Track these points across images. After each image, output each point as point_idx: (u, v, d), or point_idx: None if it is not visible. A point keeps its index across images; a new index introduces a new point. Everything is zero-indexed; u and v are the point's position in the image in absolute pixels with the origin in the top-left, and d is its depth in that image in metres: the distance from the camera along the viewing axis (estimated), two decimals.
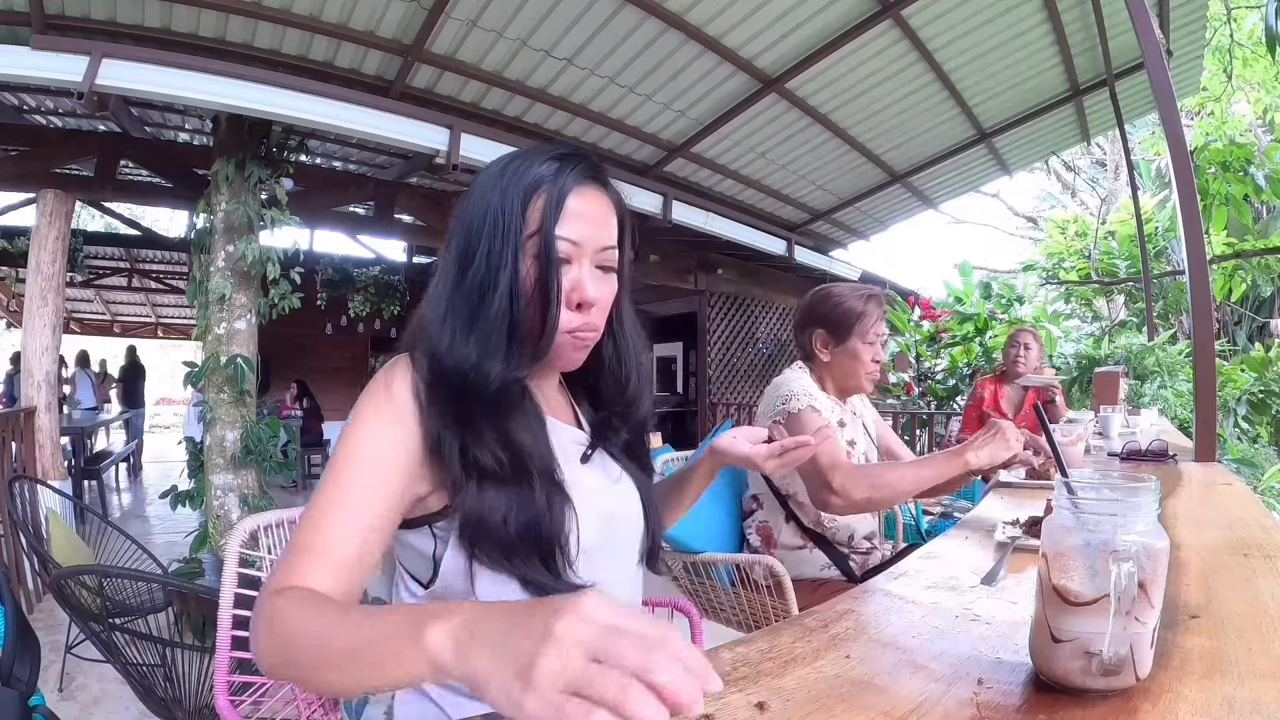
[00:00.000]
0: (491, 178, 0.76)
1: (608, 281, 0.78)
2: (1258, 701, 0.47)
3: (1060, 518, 0.52)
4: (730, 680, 0.52)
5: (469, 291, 0.73)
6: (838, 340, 1.64)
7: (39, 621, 3.08)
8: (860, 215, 6.80)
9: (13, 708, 0.99)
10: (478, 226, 0.74)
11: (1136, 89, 5.05)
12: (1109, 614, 0.47)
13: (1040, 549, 0.53)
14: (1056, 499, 0.53)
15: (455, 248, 0.75)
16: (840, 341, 1.64)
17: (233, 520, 3.33)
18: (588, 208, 0.75)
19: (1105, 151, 12.02)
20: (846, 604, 0.72)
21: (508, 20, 3.48)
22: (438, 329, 0.73)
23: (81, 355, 9.01)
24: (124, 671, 1.78)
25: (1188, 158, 1.91)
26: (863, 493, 1.34)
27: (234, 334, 3.48)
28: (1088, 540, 0.49)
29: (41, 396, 3.70)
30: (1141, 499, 0.51)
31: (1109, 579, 0.47)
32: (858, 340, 1.62)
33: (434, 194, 5.65)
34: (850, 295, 1.66)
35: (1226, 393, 4.48)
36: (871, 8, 3.75)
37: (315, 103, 3.20)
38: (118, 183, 4.47)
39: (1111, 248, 7.41)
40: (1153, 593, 0.49)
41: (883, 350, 1.67)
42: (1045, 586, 0.51)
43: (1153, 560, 0.49)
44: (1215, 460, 1.72)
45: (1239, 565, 0.82)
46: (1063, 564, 0.50)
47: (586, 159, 0.77)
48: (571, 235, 0.74)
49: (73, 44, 2.83)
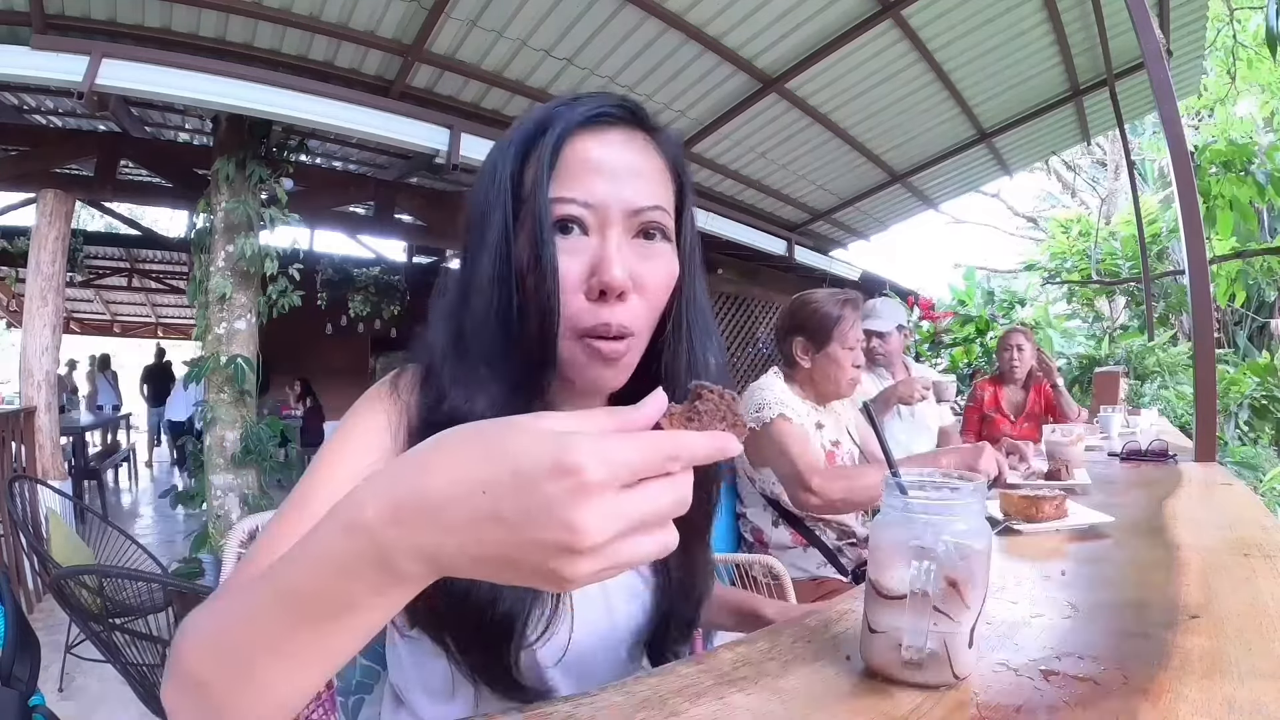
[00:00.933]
0: (497, 147, 0.59)
1: (653, 258, 0.56)
2: (1258, 701, 0.47)
3: (884, 514, 0.53)
4: (730, 680, 0.52)
5: (460, 302, 0.58)
6: (817, 346, 1.67)
7: (39, 621, 3.08)
8: (860, 215, 6.80)
9: (13, 708, 0.99)
10: (472, 213, 0.59)
11: (1136, 89, 5.05)
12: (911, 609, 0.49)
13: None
14: (885, 496, 0.54)
15: (460, 249, 0.62)
16: (820, 347, 1.66)
17: (233, 520, 3.33)
18: (608, 154, 0.55)
19: (1105, 151, 12.01)
20: (847, 604, 0.72)
21: (508, 20, 3.48)
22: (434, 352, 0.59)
23: (103, 359, 9.09)
24: (124, 671, 1.78)
25: (1188, 158, 1.91)
26: (839, 493, 1.40)
27: (234, 334, 3.48)
28: (901, 537, 0.51)
29: (41, 396, 3.70)
30: (959, 500, 0.52)
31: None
32: (837, 345, 1.65)
33: (434, 194, 5.65)
34: (828, 301, 1.69)
35: (1229, 397, 4.48)
36: (871, 8, 3.75)
37: (315, 103, 3.20)
38: (118, 183, 4.48)
39: (1114, 248, 7.42)
40: (967, 593, 0.49)
41: (863, 355, 1.70)
42: (867, 579, 0.53)
43: (968, 560, 0.49)
44: (1215, 461, 1.72)
45: (1239, 565, 0.81)
46: (878, 558, 0.52)
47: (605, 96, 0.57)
48: (580, 194, 0.53)
49: (73, 44, 2.83)
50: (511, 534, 0.30)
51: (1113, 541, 0.97)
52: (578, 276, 0.53)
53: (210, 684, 0.38)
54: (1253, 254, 5.42)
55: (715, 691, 0.50)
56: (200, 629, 0.40)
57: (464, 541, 0.31)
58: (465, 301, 0.57)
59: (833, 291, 1.75)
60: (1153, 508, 1.19)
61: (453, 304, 0.59)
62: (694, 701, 0.48)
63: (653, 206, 0.55)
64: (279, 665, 0.36)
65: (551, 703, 0.48)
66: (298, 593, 0.35)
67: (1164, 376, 4.72)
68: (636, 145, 0.57)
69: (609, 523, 0.30)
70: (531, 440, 0.31)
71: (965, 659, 0.50)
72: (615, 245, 0.53)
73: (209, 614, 0.41)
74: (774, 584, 1.52)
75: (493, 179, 0.56)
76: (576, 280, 0.53)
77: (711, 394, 0.37)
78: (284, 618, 0.35)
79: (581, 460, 0.29)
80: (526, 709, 0.48)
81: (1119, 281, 7.31)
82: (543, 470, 0.29)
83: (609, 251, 0.53)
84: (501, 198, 0.55)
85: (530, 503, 0.30)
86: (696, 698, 0.49)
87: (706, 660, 0.56)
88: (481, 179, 0.59)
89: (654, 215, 0.55)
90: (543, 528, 0.30)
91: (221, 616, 0.40)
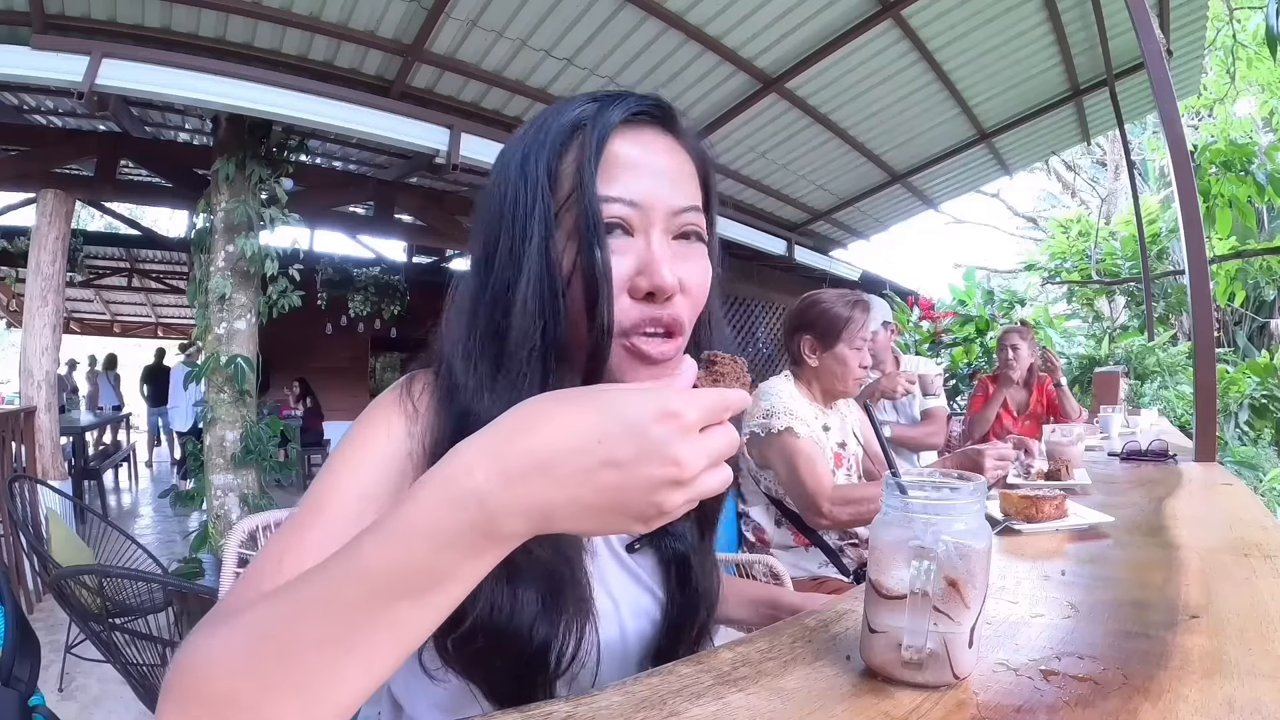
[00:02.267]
0: (514, 144, 0.58)
1: (692, 259, 0.56)
2: (1258, 701, 0.47)
3: (884, 514, 0.53)
4: (730, 680, 0.52)
5: (489, 305, 0.55)
6: (825, 346, 1.67)
7: (39, 621, 3.08)
8: (860, 215, 6.80)
9: (13, 708, 0.99)
10: (496, 211, 0.56)
11: (1136, 89, 5.05)
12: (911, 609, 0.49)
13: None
14: (885, 496, 0.54)
15: (474, 250, 0.58)
16: (828, 347, 1.67)
17: (233, 520, 3.33)
18: (649, 155, 0.55)
19: (1105, 151, 12.02)
20: (847, 604, 0.72)
21: (508, 20, 3.48)
22: (454, 359, 0.56)
23: (109, 359, 9.11)
24: (124, 671, 1.78)
25: (1188, 158, 1.92)
26: (847, 516, 1.47)
27: (234, 334, 3.48)
28: (901, 537, 0.51)
29: (41, 396, 3.70)
30: (959, 500, 0.52)
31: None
32: (845, 346, 1.66)
33: (434, 194, 5.65)
34: (838, 302, 1.70)
35: (1229, 397, 4.48)
36: (871, 8, 3.75)
37: (315, 103, 3.20)
38: (118, 183, 4.48)
39: (1114, 248, 7.42)
40: (967, 593, 0.49)
41: (869, 355, 1.71)
42: (867, 579, 0.54)
43: (967, 560, 0.49)
44: (1215, 461, 1.72)
45: (1239, 565, 0.81)
46: (878, 558, 0.52)
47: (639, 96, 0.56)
48: (627, 193, 0.53)
49: (73, 44, 2.83)
50: (625, 475, 0.35)
51: (1113, 541, 0.97)
52: (624, 277, 0.53)
53: (241, 702, 0.35)
54: (1252, 254, 5.42)
55: (715, 691, 0.50)
56: (225, 648, 0.38)
57: (576, 492, 0.35)
58: (493, 304, 0.55)
59: (842, 292, 1.76)
60: (1153, 508, 1.19)
61: (475, 306, 0.57)
62: (693, 702, 0.48)
63: (690, 207, 0.55)
64: (342, 662, 0.35)
65: (551, 703, 0.48)
66: (387, 573, 0.35)
67: (1164, 376, 4.72)
68: (671, 145, 0.57)
69: (700, 457, 0.36)
70: (632, 395, 0.37)
71: (965, 659, 0.50)
72: (661, 246, 0.53)
73: (228, 632, 0.38)
74: (775, 584, 1.52)
75: (523, 178, 0.54)
76: (622, 281, 0.53)
77: (724, 359, 0.45)
78: (365, 605, 0.35)
79: (681, 406, 0.36)
80: (526, 709, 0.48)
81: (1119, 281, 7.31)
82: (650, 416, 0.35)
83: (658, 253, 0.53)
84: (537, 197, 0.53)
85: (642, 443, 0.35)
86: (696, 698, 0.49)
87: (706, 660, 0.56)
88: (505, 178, 0.56)
89: (691, 216, 0.56)
90: (653, 464, 0.35)
91: (256, 627, 0.37)
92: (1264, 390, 4.57)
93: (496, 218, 0.56)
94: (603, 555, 0.63)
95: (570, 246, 0.53)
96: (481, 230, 0.58)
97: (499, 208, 0.56)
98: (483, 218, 0.58)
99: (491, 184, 0.58)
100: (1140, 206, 5.44)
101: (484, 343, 0.55)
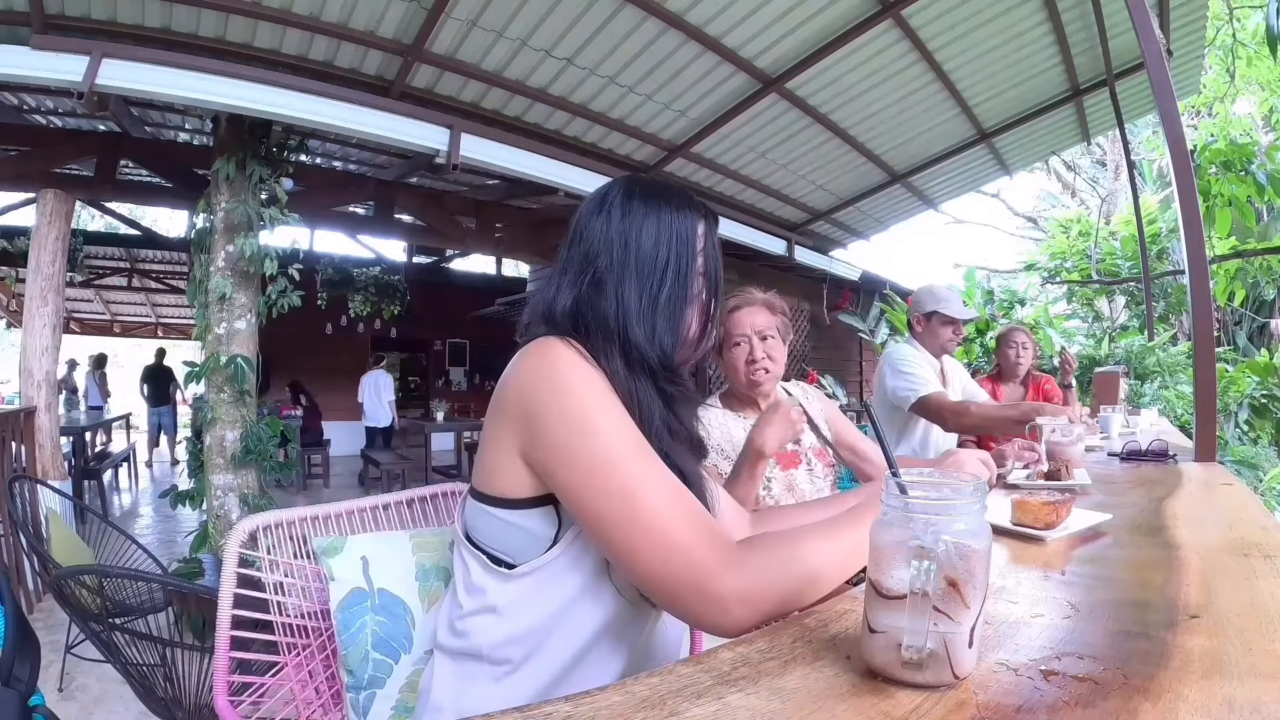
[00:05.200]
0: (650, 200, 0.83)
1: None
2: (1258, 701, 0.47)
3: (885, 514, 0.53)
4: (730, 680, 0.52)
5: (670, 296, 0.80)
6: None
7: (39, 621, 3.09)
8: (860, 215, 6.80)
9: (13, 708, 0.99)
10: (662, 237, 0.81)
11: (1136, 89, 5.06)
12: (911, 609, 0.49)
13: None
14: (885, 496, 0.54)
15: (629, 250, 0.80)
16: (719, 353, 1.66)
17: (233, 520, 3.33)
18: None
19: (1105, 151, 12.01)
20: (846, 604, 0.72)
21: (508, 20, 3.48)
22: (633, 322, 0.78)
23: (98, 358, 9.11)
24: (124, 671, 1.78)
25: (1188, 158, 1.91)
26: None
27: (234, 334, 3.48)
28: (901, 537, 0.51)
29: (41, 396, 3.70)
30: (960, 499, 0.52)
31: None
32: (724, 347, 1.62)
33: (434, 194, 5.66)
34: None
35: (1229, 396, 4.48)
36: (871, 8, 3.75)
37: (315, 103, 3.20)
38: (118, 183, 4.48)
39: (1114, 248, 7.42)
40: (967, 593, 0.49)
41: (760, 350, 1.54)
42: (867, 579, 0.54)
43: (968, 560, 0.49)
44: (1215, 460, 1.72)
45: (1239, 565, 0.81)
46: (878, 558, 0.52)
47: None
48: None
49: (73, 44, 2.83)
50: None
51: (1113, 541, 0.97)
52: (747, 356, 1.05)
53: (800, 596, 0.68)
54: (1252, 253, 5.42)
55: (715, 691, 0.50)
56: (785, 575, 0.68)
57: None
58: (670, 299, 0.80)
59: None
60: (1153, 508, 1.19)
61: (649, 302, 0.80)
62: (693, 701, 0.48)
63: None
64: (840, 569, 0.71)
65: (551, 702, 0.48)
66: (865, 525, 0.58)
67: (1164, 376, 4.72)
68: None
69: None
70: None
71: (965, 659, 0.51)
72: None
73: (781, 567, 0.68)
74: None
75: (684, 231, 0.82)
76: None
77: None
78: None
79: None
80: (527, 709, 0.48)
81: (1119, 281, 7.31)
82: None
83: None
84: (692, 246, 0.83)
85: None
86: (696, 698, 0.49)
87: (706, 660, 0.56)
88: (649, 217, 0.82)
89: None
90: None
91: (809, 563, 0.69)
92: (1264, 390, 4.57)
93: (664, 239, 0.81)
94: None
95: (703, 289, 0.85)
96: (634, 236, 0.81)
97: (663, 233, 0.81)
98: (631, 228, 0.81)
99: (637, 212, 0.82)
100: (1140, 206, 5.44)
101: (660, 308, 0.80)
